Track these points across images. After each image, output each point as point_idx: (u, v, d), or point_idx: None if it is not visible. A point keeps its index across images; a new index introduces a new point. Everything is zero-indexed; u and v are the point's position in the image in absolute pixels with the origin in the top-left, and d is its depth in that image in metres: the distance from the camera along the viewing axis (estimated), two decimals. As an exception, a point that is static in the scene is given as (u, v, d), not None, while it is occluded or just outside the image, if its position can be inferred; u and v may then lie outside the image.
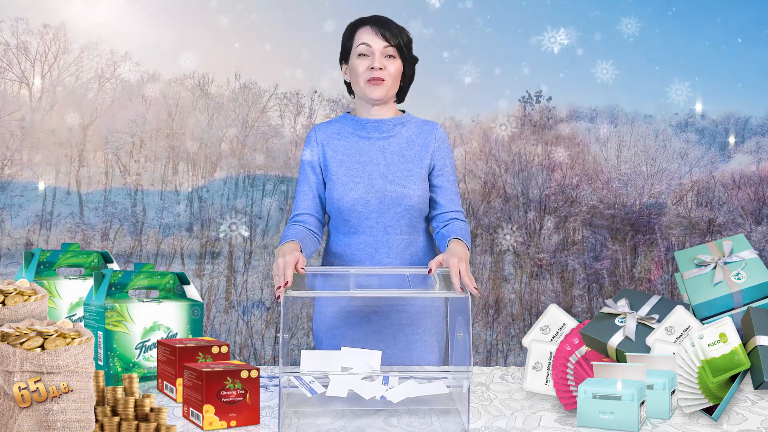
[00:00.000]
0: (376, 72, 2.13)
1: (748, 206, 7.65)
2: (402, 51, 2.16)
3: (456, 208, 2.19)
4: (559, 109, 7.37)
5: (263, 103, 6.34)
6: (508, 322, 8.47)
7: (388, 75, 2.14)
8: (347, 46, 2.19)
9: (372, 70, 2.13)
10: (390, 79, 2.15)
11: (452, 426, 1.60)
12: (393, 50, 2.14)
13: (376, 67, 2.12)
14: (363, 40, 2.13)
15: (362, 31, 2.15)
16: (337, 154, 2.20)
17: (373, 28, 2.13)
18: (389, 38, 2.13)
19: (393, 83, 2.16)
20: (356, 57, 2.15)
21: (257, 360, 6.38)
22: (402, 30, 2.18)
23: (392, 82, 2.16)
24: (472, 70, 5.46)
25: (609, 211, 8.23)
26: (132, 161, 6.16)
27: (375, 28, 2.13)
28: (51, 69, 5.91)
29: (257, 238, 6.49)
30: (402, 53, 2.16)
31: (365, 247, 2.17)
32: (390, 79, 2.15)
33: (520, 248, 8.67)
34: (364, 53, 2.14)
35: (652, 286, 6.76)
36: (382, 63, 2.13)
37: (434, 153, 2.20)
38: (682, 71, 6.47)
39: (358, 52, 2.14)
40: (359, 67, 2.14)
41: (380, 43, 2.12)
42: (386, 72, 2.13)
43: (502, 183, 8.13)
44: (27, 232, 5.90)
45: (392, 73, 2.15)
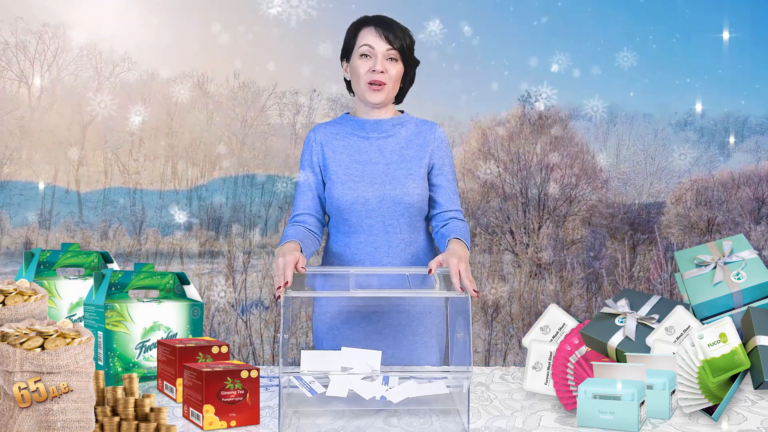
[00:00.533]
0: (377, 75, 2.12)
1: (747, 206, 7.66)
2: (404, 53, 2.15)
3: (455, 207, 2.19)
4: (558, 108, 7.37)
5: (262, 102, 6.34)
6: (507, 322, 8.47)
7: (389, 78, 2.14)
8: (350, 45, 2.18)
9: (373, 72, 2.12)
10: (391, 82, 2.14)
11: (452, 426, 1.60)
12: (395, 53, 2.13)
13: (378, 70, 2.12)
14: (366, 41, 2.13)
15: (366, 32, 2.15)
16: (336, 154, 2.20)
17: (377, 30, 2.13)
18: (392, 41, 2.12)
19: (393, 87, 2.16)
20: (358, 57, 2.14)
21: (256, 359, 6.39)
22: (405, 31, 2.17)
23: (393, 85, 2.16)
24: (471, 68, 5.45)
25: (608, 211, 8.24)
26: (131, 160, 6.15)
27: (379, 29, 2.13)
28: (50, 68, 5.91)
29: (256, 238, 6.48)
30: (404, 56, 2.16)
31: (365, 247, 2.17)
32: (391, 82, 2.14)
33: (518, 248, 8.67)
34: (367, 54, 2.13)
35: (651, 286, 6.76)
36: (383, 66, 2.13)
37: (433, 152, 2.20)
38: (682, 70, 6.47)
39: (361, 53, 2.14)
40: (360, 68, 2.14)
41: (383, 46, 2.12)
42: (387, 75, 2.13)
43: (501, 182, 8.14)
44: (27, 231, 5.89)
45: (393, 76, 2.14)
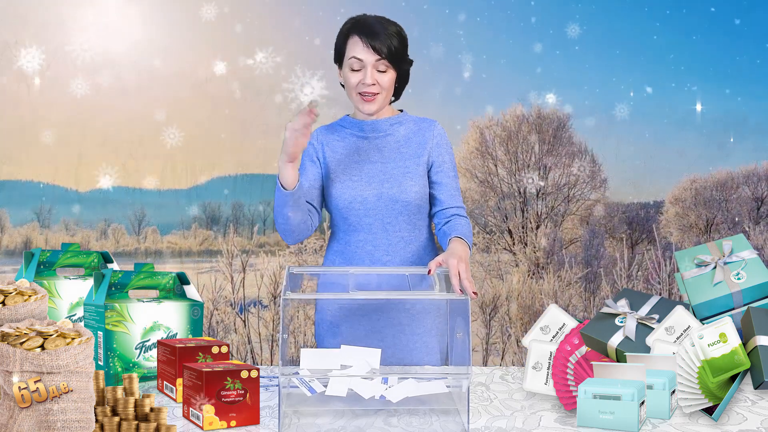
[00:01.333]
0: (368, 87, 2.11)
1: (746, 205, 7.67)
2: (394, 59, 2.11)
3: (457, 203, 2.19)
4: (557, 107, 7.37)
5: (262, 101, 6.34)
6: (505, 321, 8.48)
7: (380, 88, 2.12)
8: (341, 52, 2.16)
9: (364, 85, 2.11)
10: (383, 92, 2.13)
11: (452, 426, 1.61)
12: (384, 63, 2.10)
13: (368, 83, 2.10)
14: (354, 54, 2.10)
15: (353, 43, 2.11)
16: (336, 154, 2.20)
17: (363, 41, 2.08)
18: (380, 49, 2.08)
19: (386, 94, 2.15)
20: (348, 70, 2.13)
21: (254, 358, 6.41)
22: (392, 35, 2.10)
23: (386, 94, 2.14)
24: (470, 66, 5.45)
25: (606, 210, 8.25)
26: (131, 159, 6.16)
27: (365, 40, 2.08)
28: (50, 67, 5.90)
29: (254, 237, 6.49)
30: (394, 61, 2.12)
31: (364, 245, 2.17)
32: (383, 92, 2.13)
33: (516, 247, 8.69)
34: (356, 68, 2.11)
35: (650, 286, 6.76)
36: (373, 78, 2.10)
37: (432, 149, 2.19)
38: (682, 70, 6.47)
39: (350, 66, 2.12)
40: (351, 80, 2.12)
41: (371, 57, 2.09)
42: (378, 86, 2.12)
43: (499, 182, 8.15)
44: (27, 230, 5.89)
45: (385, 85, 2.12)
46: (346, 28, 2.15)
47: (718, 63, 6.50)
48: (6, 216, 5.86)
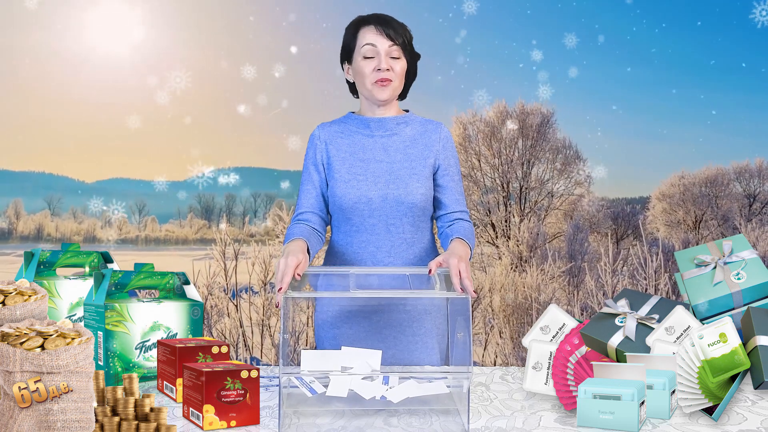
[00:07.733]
0: (383, 73, 2.13)
1: (738, 202, 7.66)
2: (406, 49, 2.16)
3: (461, 208, 2.19)
4: (541, 103, 7.37)
5: (254, 96, 6.35)
6: (488, 312, 8.49)
7: (394, 75, 2.14)
8: (350, 46, 2.18)
9: (379, 71, 2.13)
10: (397, 78, 2.15)
11: (452, 426, 1.61)
12: (398, 49, 2.14)
13: (383, 68, 2.12)
14: (368, 41, 2.13)
15: (366, 31, 2.14)
16: (340, 152, 2.19)
17: (377, 28, 2.13)
18: (394, 37, 2.12)
19: (399, 82, 2.17)
20: (361, 59, 2.14)
21: (245, 341, 6.50)
22: (404, 27, 2.17)
23: (399, 81, 2.16)
24: (454, 62, 5.46)
25: (591, 205, 8.24)
26: (131, 154, 6.18)
27: (379, 27, 2.13)
28: (51, 65, 5.91)
29: (246, 227, 6.55)
30: (406, 51, 2.16)
31: (367, 246, 2.17)
32: (397, 78, 2.15)
33: (499, 240, 8.68)
34: (370, 55, 2.13)
35: (635, 281, 6.75)
36: (388, 63, 2.13)
37: (439, 152, 2.20)
38: (675, 66, 6.48)
39: (363, 54, 2.14)
40: (365, 69, 2.14)
41: (385, 43, 2.12)
42: (393, 72, 2.14)
43: (482, 176, 8.14)
44: (40, 217, 5.94)
45: (398, 72, 2.15)
46: (355, 22, 2.19)
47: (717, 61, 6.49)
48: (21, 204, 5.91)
